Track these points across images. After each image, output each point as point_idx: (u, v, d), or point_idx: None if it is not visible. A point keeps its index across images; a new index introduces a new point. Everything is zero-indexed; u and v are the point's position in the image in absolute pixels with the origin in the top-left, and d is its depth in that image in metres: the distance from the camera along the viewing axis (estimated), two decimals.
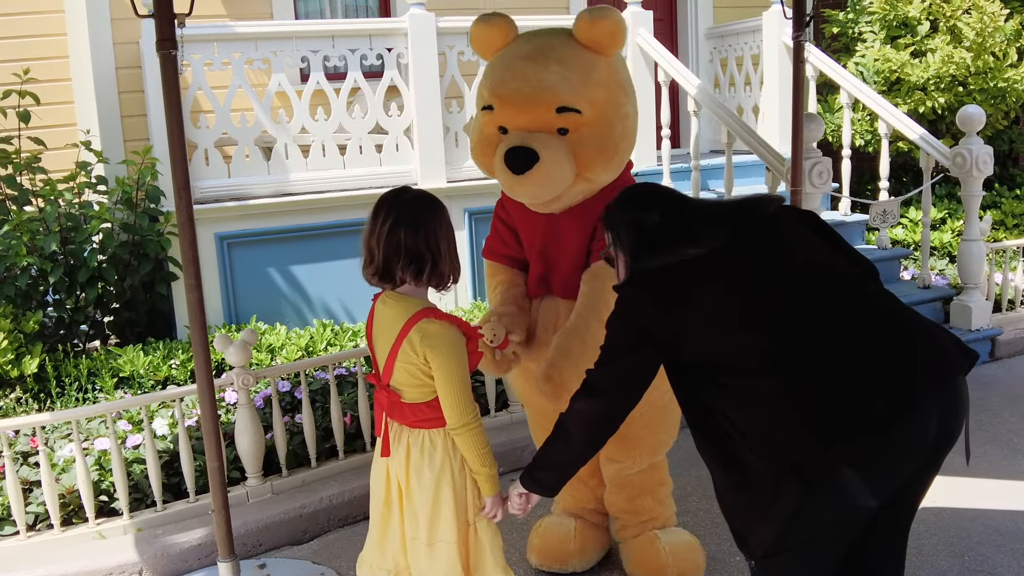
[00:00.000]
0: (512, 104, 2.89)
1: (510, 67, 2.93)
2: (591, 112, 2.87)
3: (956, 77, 7.35)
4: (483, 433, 2.55)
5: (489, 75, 2.99)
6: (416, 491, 2.57)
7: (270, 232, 5.92)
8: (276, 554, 3.79)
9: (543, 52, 2.91)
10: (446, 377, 2.46)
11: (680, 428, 3.42)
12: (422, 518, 2.56)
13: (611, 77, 2.96)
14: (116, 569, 3.50)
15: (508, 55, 2.98)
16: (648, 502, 3.39)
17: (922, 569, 3.43)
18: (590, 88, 2.88)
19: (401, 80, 6.14)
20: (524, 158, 2.77)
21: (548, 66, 2.86)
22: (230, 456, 3.99)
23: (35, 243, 5.22)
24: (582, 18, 2.91)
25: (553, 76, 2.85)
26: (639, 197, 2.43)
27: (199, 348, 3.12)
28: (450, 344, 2.46)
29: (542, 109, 2.85)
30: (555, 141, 2.83)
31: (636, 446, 3.25)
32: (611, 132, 2.93)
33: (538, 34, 3.03)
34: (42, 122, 5.65)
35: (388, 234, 2.46)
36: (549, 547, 3.47)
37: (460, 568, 2.59)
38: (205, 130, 5.75)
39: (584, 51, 2.92)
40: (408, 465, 2.57)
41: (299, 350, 5.23)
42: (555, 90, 2.84)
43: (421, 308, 2.50)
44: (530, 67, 2.88)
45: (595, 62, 2.93)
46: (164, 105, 3.02)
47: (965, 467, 4.18)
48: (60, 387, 4.82)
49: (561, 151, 2.83)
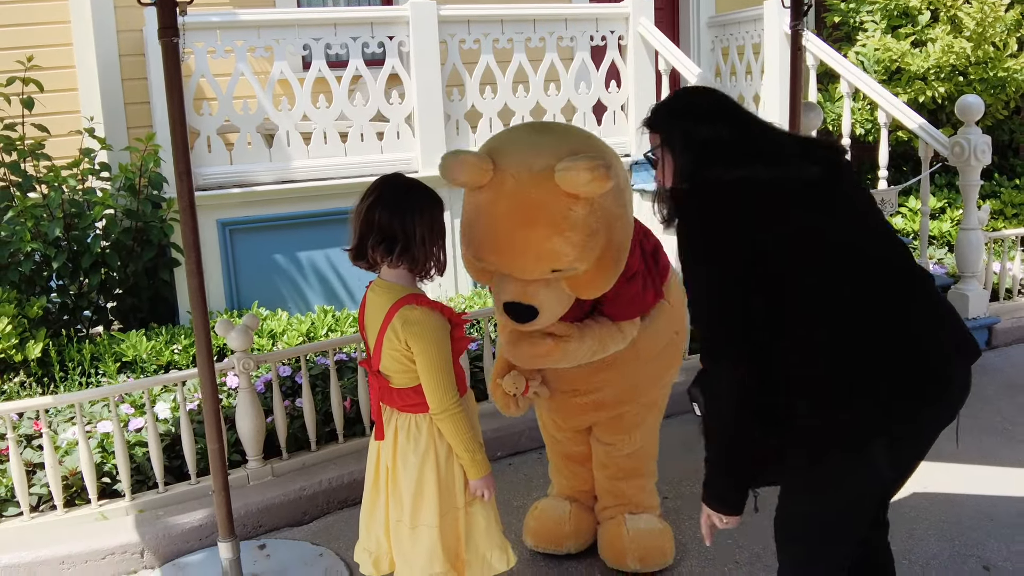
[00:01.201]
0: (502, 266, 2.69)
1: (494, 229, 2.63)
2: (587, 265, 2.68)
3: (956, 67, 7.37)
4: (466, 418, 2.57)
5: (469, 231, 2.72)
6: (401, 474, 2.62)
7: (272, 219, 5.97)
8: (276, 535, 3.84)
9: (527, 213, 2.59)
10: (426, 363, 2.49)
11: (674, 416, 3.45)
12: (406, 501, 2.61)
13: (604, 212, 2.67)
14: (118, 549, 3.56)
15: (487, 210, 2.64)
16: (627, 486, 3.41)
17: (913, 553, 3.47)
18: (586, 246, 2.63)
19: (402, 68, 6.18)
20: (525, 312, 2.71)
21: (535, 230, 2.59)
22: (231, 439, 4.04)
23: (39, 229, 5.27)
24: (564, 170, 2.53)
25: (543, 243, 2.59)
26: (699, 104, 2.32)
27: (200, 332, 3.16)
28: (431, 330, 2.49)
29: (535, 273, 2.67)
30: (551, 289, 2.70)
31: (629, 430, 3.32)
32: (608, 264, 2.75)
33: (519, 182, 2.60)
34: (46, 109, 5.68)
35: (366, 212, 2.51)
36: (544, 529, 3.52)
37: (441, 552, 2.62)
38: (208, 117, 5.79)
39: (570, 202, 2.59)
40: (395, 448, 2.62)
41: (300, 336, 5.28)
42: (547, 259, 2.62)
43: (405, 295, 2.53)
44: (517, 232, 2.60)
45: (586, 210, 2.61)
46: (165, 92, 3.06)
47: (958, 453, 4.26)
48: (64, 371, 4.88)
49: (558, 295, 2.73)
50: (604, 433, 3.34)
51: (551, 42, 6.58)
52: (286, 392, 4.43)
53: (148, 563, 3.60)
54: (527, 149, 2.66)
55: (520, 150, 2.66)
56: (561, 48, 6.66)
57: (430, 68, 6.18)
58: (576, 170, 2.51)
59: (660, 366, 3.31)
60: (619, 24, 6.78)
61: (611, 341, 3.03)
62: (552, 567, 3.44)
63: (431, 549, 2.61)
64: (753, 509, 2.30)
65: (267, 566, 3.56)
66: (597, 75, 6.75)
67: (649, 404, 3.35)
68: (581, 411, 3.29)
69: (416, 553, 2.63)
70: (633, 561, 3.32)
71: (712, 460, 2.21)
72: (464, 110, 6.41)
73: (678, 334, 3.36)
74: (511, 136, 2.83)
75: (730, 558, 3.49)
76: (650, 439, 3.43)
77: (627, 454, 3.36)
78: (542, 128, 2.97)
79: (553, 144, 2.67)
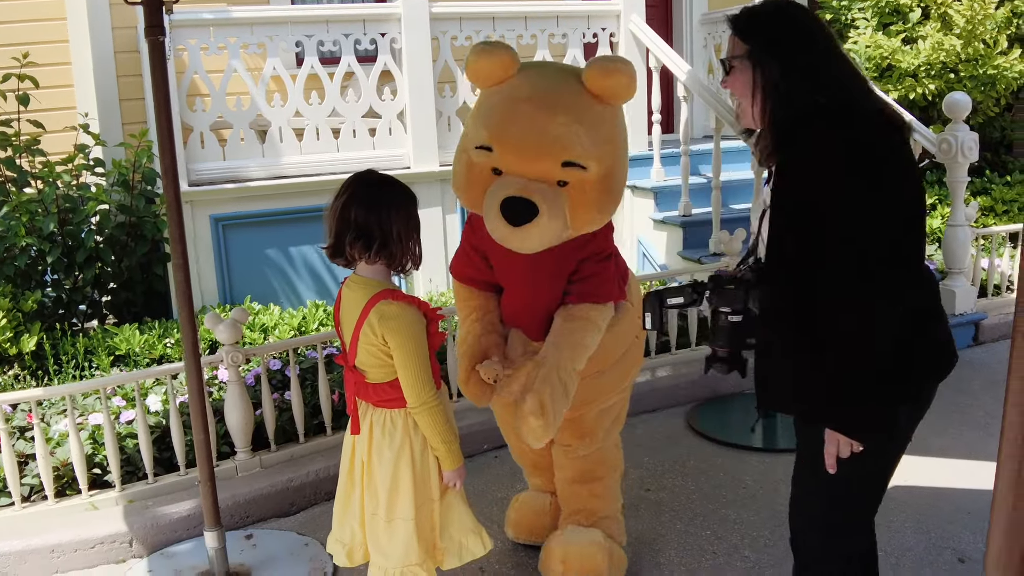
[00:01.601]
0: (515, 151, 2.66)
1: (514, 111, 2.68)
2: (596, 169, 2.68)
3: (947, 64, 7.41)
4: (442, 412, 2.61)
5: (488, 114, 2.74)
6: (377, 469, 2.66)
7: (265, 214, 6.03)
8: (263, 525, 3.90)
9: (551, 98, 2.68)
10: (403, 357, 2.53)
11: (658, 410, 3.42)
12: (382, 495, 2.66)
13: (617, 130, 2.80)
14: (107, 539, 3.62)
15: (511, 95, 2.72)
16: (584, 490, 3.30)
17: (889, 544, 3.51)
18: (598, 144, 2.68)
19: (394, 65, 6.23)
20: (524, 210, 2.61)
21: (556, 115, 2.63)
22: (221, 431, 4.10)
23: (34, 224, 5.32)
24: (594, 67, 2.68)
25: (561, 128, 2.63)
26: (797, 26, 2.18)
27: (186, 324, 3.22)
28: (408, 325, 2.52)
29: (547, 161, 2.65)
30: (555, 194, 2.66)
31: (585, 433, 3.25)
32: (611, 188, 2.78)
33: (544, 75, 2.80)
34: (41, 105, 5.74)
35: (341, 210, 2.55)
36: (525, 521, 3.57)
37: (417, 544, 2.67)
38: (201, 113, 5.85)
39: (593, 101, 2.69)
40: (371, 443, 2.67)
41: (292, 330, 5.34)
42: (563, 143, 2.63)
43: (381, 290, 2.56)
44: (538, 114, 2.65)
45: (604, 115, 2.72)
46: (152, 89, 3.12)
47: (939, 447, 4.31)
48: (58, 365, 4.94)
49: (560, 206, 2.66)
50: (561, 435, 3.23)
51: (543, 39, 6.63)
52: (276, 385, 4.49)
53: (137, 552, 3.66)
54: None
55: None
56: (553, 45, 6.71)
57: (422, 65, 6.24)
58: (608, 69, 2.66)
59: (621, 370, 3.25)
60: (610, 21, 6.83)
61: (587, 335, 2.94)
62: (532, 558, 3.49)
63: (407, 541, 2.67)
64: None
65: (253, 555, 3.62)
66: None
67: (608, 408, 3.27)
68: None
69: (392, 545, 2.68)
70: (561, 571, 3.20)
71: (857, 382, 2.04)
72: (456, 107, 6.47)
73: (638, 338, 3.31)
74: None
75: (708, 549, 3.54)
76: (609, 444, 3.33)
77: (583, 456, 3.27)
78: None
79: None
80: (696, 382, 5.13)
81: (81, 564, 3.59)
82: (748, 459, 4.32)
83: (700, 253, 6.10)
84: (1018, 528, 1.33)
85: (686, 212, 6.38)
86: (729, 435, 4.60)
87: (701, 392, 5.14)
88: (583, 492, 3.29)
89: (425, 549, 2.71)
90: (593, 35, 6.81)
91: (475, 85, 2.94)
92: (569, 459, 3.28)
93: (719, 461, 4.33)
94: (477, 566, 3.48)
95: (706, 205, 6.39)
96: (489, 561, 3.51)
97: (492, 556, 3.54)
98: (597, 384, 3.14)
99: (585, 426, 3.23)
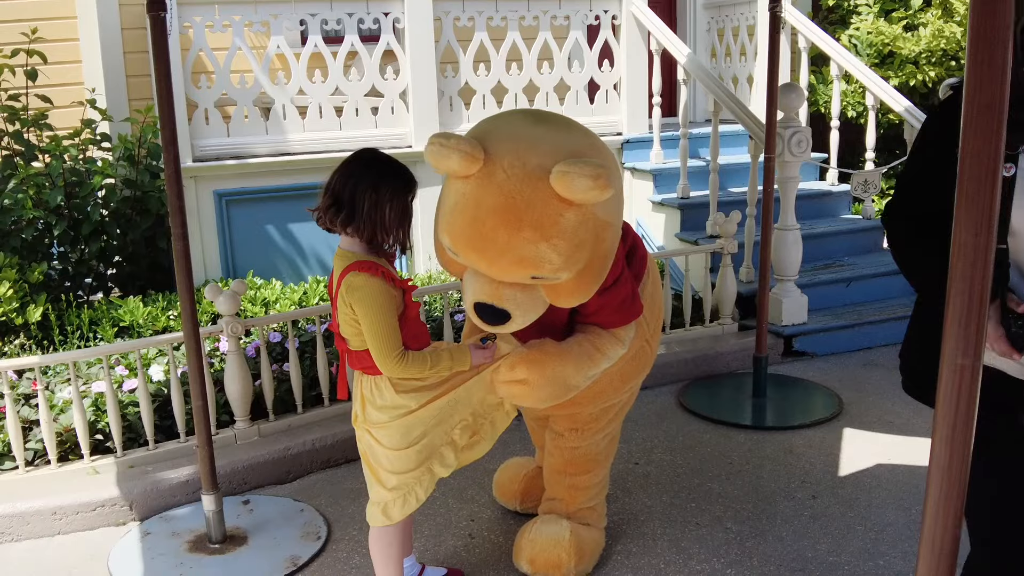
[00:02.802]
0: (481, 263, 2.52)
1: (479, 222, 2.43)
2: (568, 275, 2.53)
3: (947, 51, 7.44)
4: (415, 357, 2.63)
5: (451, 220, 2.51)
6: (370, 428, 2.77)
7: (268, 190, 6.12)
8: (260, 492, 4.00)
9: (517, 211, 2.40)
10: (367, 326, 2.58)
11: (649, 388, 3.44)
12: (381, 455, 2.77)
13: (595, 222, 2.51)
14: (108, 502, 3.72)
15: (476, 201, 2.44)
16: (567, 481, 3.27)
17: (868, 520, 3.59)
18: (568, 255, 2.47)
19: (397, 44, 6.29)
20: (495, 315, 2.57)
21: (521, 231, 2.40)
22: (221, 401, 4.20)
23: (41, 197, 5.42)
24: (556, 174, 2.35)
25: (528, 245, 2.42)
26: None
27: (184, 293, 3.33)
28: (372, 295, 2.56)
29: (515, 274, 2.50)
30: (527, 294, 2.57)
31: (582, 426, 3.21)
32: (592, 276, 2.62)
33: (512, 175, 2.41)
34: (49, 80, 5.83)
35: (330, 177, 2.64)
36: (499, 483, 3.75)
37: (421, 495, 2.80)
38: (206, 90, 5.93)
39: (563, 206, 2.42)
40: (364, 406, 2.77)
41: (292, 304, 5.43)
42: (530, 262, 2.45)
43: (353, 262, 2.61)
44: (502, 230, 2.41)
45: (576, 219, 2.45)
46: (153, 64, 3.19)
47: (924, 428, 4.38)
48: (63, 335, 5.04)
49: (533, 302, 2.59)
50: (558, 422, 3.23)
51: (545, 20, 6.68)
52: (276, 357, 4.59)
53: (136, 515, 3.77)
54: (524, 141, 2.46)
55: (516, 141, 2.46)
56: (555, 27, 6.75)
57: (424, 45, 6.30)
58: (576, 176, 2.32)
59: (625, 374, 3.15)
60: (612, 4, 6.87)
61: (609, 348, 2.89)
62: (521, 525, 3.56)
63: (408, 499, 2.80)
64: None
65: (249, 520, 3.72)
66: (590, 54, 6.85)
67: (608, 407, 3.21)
68: None
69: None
70: (525, 563, 3.23)
71: None
72: (458, 87, 6.53)
73: (648, 343, 3.20)
74: (507, 123, 2.60)
75: (692, 520, 3.63)
76: (604, 441, 3.28)
77: (573, 448, 3.22)
78: (541, 118, 2.64)
79: (552, 140, 2.48)
80: (688, 361, 5.21)
81: (82, 526, 3.70)
82: (736, 436, 4.41)
83: (697, 235, 6.17)
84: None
85: (684, 194, 6.45)
86: (718, 413, 4.68)
87: (693, 371, 5.23)
88: (566, 483, 3.28)
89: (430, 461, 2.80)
90: (595, 17, 6.85)
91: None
92: (559, 448, 3.25)
93: (707, 438, 4.42)
94: (467, 533, 3.58)
95: (704, 188, 6.46)
96: (479, 529, 3.61)
97: (482, 524, 3.65)
98: (598, 385, 3.05)
99: (579, 421, 3.18)
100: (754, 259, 5.68)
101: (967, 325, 1.30)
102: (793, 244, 5.45)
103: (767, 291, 4.89)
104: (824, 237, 6.29)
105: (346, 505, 3.83)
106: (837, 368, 5.36)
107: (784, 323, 5.52)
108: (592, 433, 3.21)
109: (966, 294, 1.30)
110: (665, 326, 5.38)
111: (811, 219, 6.44)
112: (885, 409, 4.71)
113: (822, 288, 5.86)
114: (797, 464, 4.10)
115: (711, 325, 5.53)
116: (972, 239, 1.28)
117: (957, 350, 1.32)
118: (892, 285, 6.05)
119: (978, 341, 1.31)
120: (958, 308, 1.31)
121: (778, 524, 3.58)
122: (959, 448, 1.37)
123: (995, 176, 1.27)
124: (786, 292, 5.53)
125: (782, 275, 5.51)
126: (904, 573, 3.22)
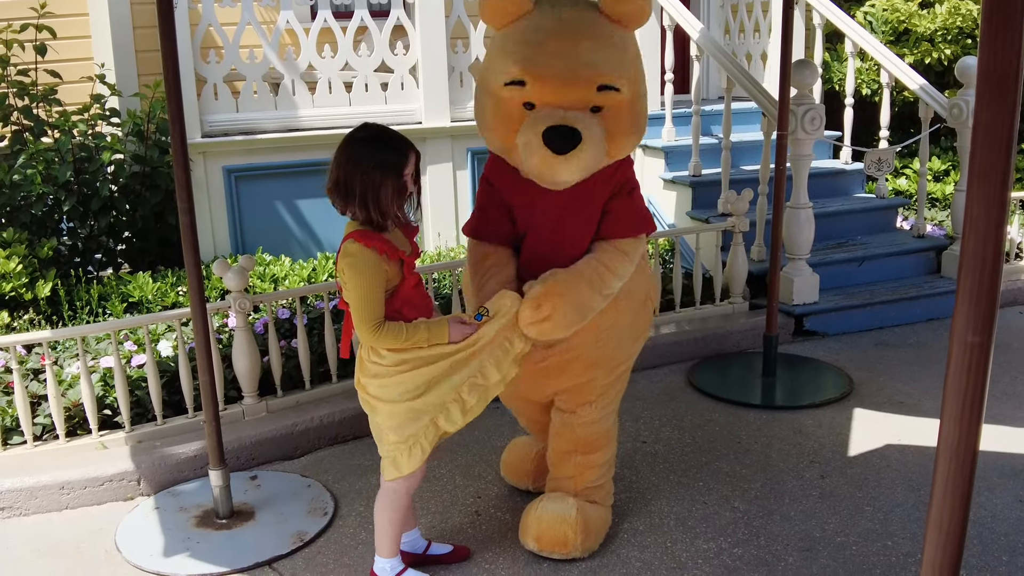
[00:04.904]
0: (549, 81, 2.72)
1: (542, 43, 2.74)
2: (628, 90, 2.79)
3: (963, 29, 7.35)
4: (391, 330, 2.64)
5: (515, 49, 2.79)
6: (367, 384, 2.81)
7: (277, 166, 6.10)
8: (268, 468, 4.00)
9: (575, 27, 2.76)
10: (351, 294, 2.64)
11: (659, 367, 3.40)
12: (378, 408, 2.81)
13: (638, 53, 2.90)
14: (116, 477, 3.73)
15: (535, 28, 2.79)
16: (573, 460, 3.26)
17: (878, 500, 3.58)
18: (626, 66, 2.79)
19: (407, 19, 6.25)
20: (568, 138, 2.67)
21: (583, 41, 2.73)
22: (229, 377, 4.20)
23: (50, 172, 5.42)
24: None
25: (591, 53, 2.73)
26: None
27: (191, 268, 3.32)
28: (361, 264, 2.60)
29: (582, 87, 2.73)
30: (592, 121, 2.74)
31: (594, 398, 3.21)
32: (641, 110, 2.91)
33: (560, 7, 2.81)
34: (58, 56, 5.82)
35: (332, 157, 2.69)
36: (509, 463, 3.74)
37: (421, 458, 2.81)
38: (215, 65, 5.90)
39: (614, 26, 2.80)
40: (362, 364, 2.81)
41: (301, 281, 5.43)
42: (596, 67, 2.73)
43: (351, 231, 2.67)
44: (566, 42, 2.73)
45: (625, 38, 2.84)
46: (159, 39, 3.16)
47: (935, 409, 4.35)
48: (72, 310, 5.05)
49: (599, 131, 2.75)
50: (567, 400, 3.21)
51: None
52: (284, 334, 4.58)
53: (144, 490, 3.78)
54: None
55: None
56: None
57: (435, 20, 6.25)
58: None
59: (633, 332, 3.21)
60: None
61: (617, 261, 2.98)
62: (527, 503, 3.56)
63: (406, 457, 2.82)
64: None
65: (257, 495, 3.73)
66: None
67: (619, 374, 3.24)
68: (547, 375, 3.11)
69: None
70: (531, 540, 3.22)
71: None
72: (468, 62, 6.48)
73: (649, 300, 3.29)
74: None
75: (699, 499, 3.62)
76: (610, 414, 3.29)
77: (584, 422, 3.21)
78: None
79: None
80: (698, 340, 5.19)
81: (90, 501, 3.71)
82: (745, 416, 4.39)
83: (709, 213, 6.12)
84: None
85: (696, 172, 6.40)
86: (728, 392, 4.66)
87: (703, 350, 5.21)
88: (576, 462, 3.26)
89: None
90: None
91: (490, 25, 2.94)
92: (569, 427, 3.23)
93: (716, 416, 4.40)
94: (473, 510, 3.58)
95: (716, 166, 6.40)
96: (486, 506, 3.61)
97: (488, 501, 3.64)
98: (609, 339, 3.10)
99: (594, 392, 3.18)
100: (766, 238, 5.63)
101: (978, 303, 1.28)
102: (805, 223, 5.41)
103: (778, 270, 4.85)
104: (837, 216, 6.24)
105: (353, 481, 3.83)
106: (848, 348, 5.33)
107: (795, 302, 5.49)
108: (602, 405, 3.23)
109: (978, 271, 1.27)
110: (675, 304, 5.36)
111: (824, 197, 6.39)
112: (895, 389, 4.68)
113: (834, 267, 5.82)
114: (806, 444, 4.08)
115: (721, 304, 5.50)
116: (984, 214, 1.25)
117: (967, 327, 1.29)
118: (905, 265, 6.00)
119: (989, 318, 1.28)
120: (969, 285, 1.28)
121: (786, 504, 3.57)
122: (968, 427, 1.34)
123: (1008, 150, 1.24)
124: (797, 271, 5.49)
125: (794, 254, 5.47)
126: (912, 554, 3.20)
